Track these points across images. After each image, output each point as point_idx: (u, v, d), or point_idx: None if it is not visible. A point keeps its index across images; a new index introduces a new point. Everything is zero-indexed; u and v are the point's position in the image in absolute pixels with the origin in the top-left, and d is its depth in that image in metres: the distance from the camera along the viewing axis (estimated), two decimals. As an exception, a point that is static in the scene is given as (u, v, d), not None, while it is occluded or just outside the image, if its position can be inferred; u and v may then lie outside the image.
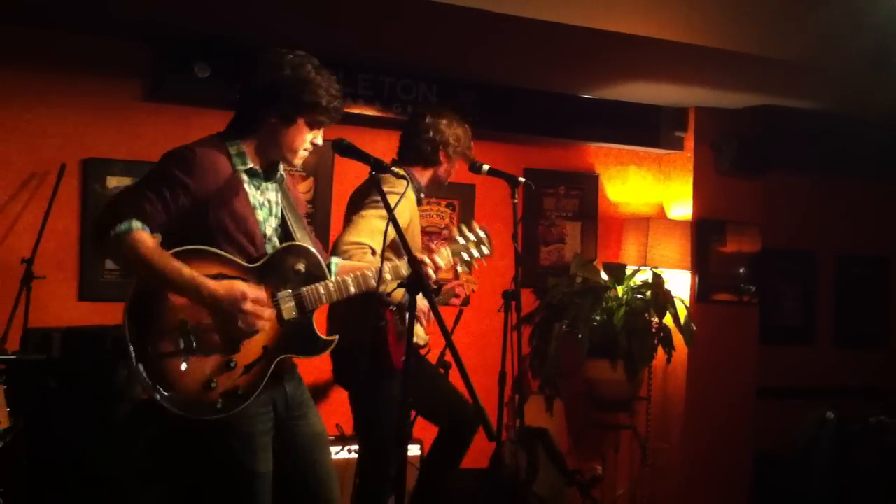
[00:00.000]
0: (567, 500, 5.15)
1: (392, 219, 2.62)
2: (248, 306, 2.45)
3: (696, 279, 5.52)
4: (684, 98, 5.41)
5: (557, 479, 5.09)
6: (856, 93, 5.08)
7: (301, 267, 2.61)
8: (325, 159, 4.92)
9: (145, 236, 2.40)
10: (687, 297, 5.45)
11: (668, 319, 5.15)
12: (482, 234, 3.13)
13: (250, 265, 2.54)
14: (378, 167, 2.68)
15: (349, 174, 4.77)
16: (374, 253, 3.27)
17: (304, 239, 2.71)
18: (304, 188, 4.91)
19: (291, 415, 2.66)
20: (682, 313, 5.22)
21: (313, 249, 2.67)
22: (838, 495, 5.03)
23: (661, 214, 5.78)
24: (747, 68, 4.64)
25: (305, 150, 2.66)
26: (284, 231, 2.70)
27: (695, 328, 5.22)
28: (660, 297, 5.14)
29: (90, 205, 4.50)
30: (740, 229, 5.64)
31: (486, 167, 3.69)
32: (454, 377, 4.13)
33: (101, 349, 3.95)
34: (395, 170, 2.73)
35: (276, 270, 2.57)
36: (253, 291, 2.48)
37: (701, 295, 5.53)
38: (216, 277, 2.45)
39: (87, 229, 4.44)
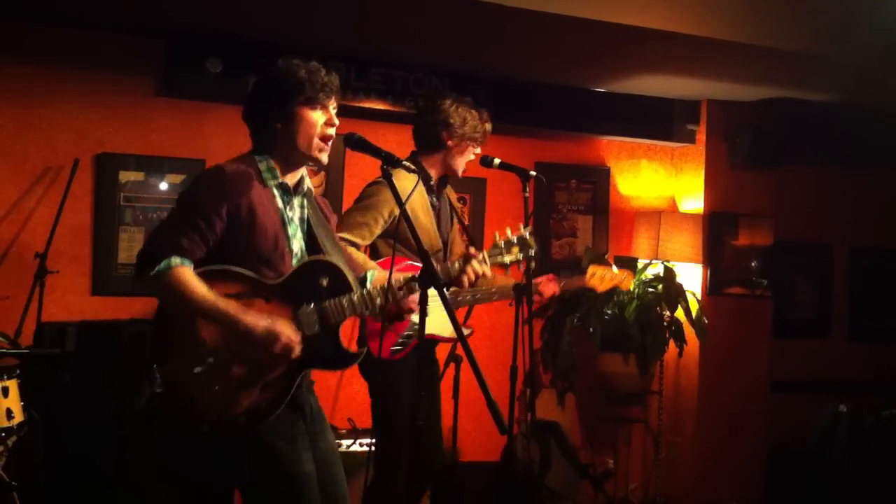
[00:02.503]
0: (580, 493, 5.15)
1: (403, 213, 2.62)
2: (279, 349, 2.47)
3: (708, 272, 5.51)
4: (696, 91, 5.39)
5: (570, 472, 5.09)
6: (870, 84, 5.05)
7: (324, 281, 2.60)
8: (337, 153, 4.93)
9: (183, 272, 2.42)
10: (698, 291, 5.44)
11: (679, 313, 5.14)
12: (525, 236, 3.03)
13: (272, 283, 2.54)
14: (389, 161, 2.68)
15: (360, 169, 4.79)
16: (357, 247, 3.34)
17: (333, 253, 2.69)
18: (315, 182, 4.91)
19: (312, 429, 2.66)
20: (694, 307, 5.21)
21: (338, 263, 2.65)
22: (853, 489, 5.00)
23: (672, 208, 5.77)
24: (760, 61, 4.61)
25: (323, 139, 2.62)
26: (313, 246, 2.69)
27: (706, 321, 5.21)
28: (671, 290, 5.13)
29: (103, 199, 4.53)
30: (753, 222, 5.62)
31: (497, 161, 3.68)
32: (465, 371, 4.13)
33: (115, 343, 3.97)
34: (407, 164, 2.72)
35: (298, 286, 2.57)
36: (287, 329, 2.48)
37: (713, 288, 5.52)
38: (237, 296, 2.47)
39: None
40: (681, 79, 5.09)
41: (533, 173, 3.64)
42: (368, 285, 2.75)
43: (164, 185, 4.63)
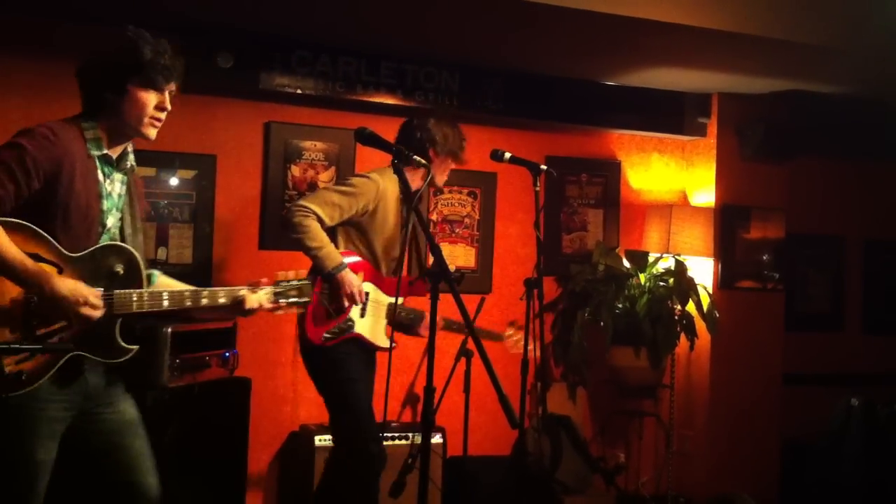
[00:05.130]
0: (591, 487, 5.15)
1: (416, 211, 2.63)
2: (85, 311, 2.40)
3: (720, 266, 5.49)
4: (708, 84, 5.36)
5: (581, 466, 5.09)
6: (883, 76, 5.02)
7: (120, 269, 2.53)
8: (347, 148, 4.93)
9: None
10: (710, 285, 5.42)
11: (690, 306, 5.12)
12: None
13: (70, 254, 2.45)
14: (400, 156, 2.68)
15: (371, 163, 4.78)
16: (322, 224, 3.49)
17: (133, 238, 2.63)
18: (326, 177, 4.92)
19: (96, 404, 2.59)
20: (705, 300, 5.20)
21: (137, 254, 2.59)
22: (869, 482, 4.98)
23: (683, 201, 5.75)
24: (773, 53, 4.59)
25: (154, 118, 2.59)
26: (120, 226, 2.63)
27: (718, 315, 5.20)
28: (682, 284, 5.12)
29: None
30: (765, 215, 5.60)
31: (507, 155, 3.69)
32: (476, 365, 4.14)
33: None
34: (417, 158, 2.74)
35: (94, 266, 2.49)
36: (92, 295, 2.42)
37: (724, 282, 5.50)
38: (32, 257, 2.37)
39: None
40: (692, 72, 5.07)
41: (544, 167, 3.64)
42: (153, 285, 2.70)
43: (175, 181, 4.65)
